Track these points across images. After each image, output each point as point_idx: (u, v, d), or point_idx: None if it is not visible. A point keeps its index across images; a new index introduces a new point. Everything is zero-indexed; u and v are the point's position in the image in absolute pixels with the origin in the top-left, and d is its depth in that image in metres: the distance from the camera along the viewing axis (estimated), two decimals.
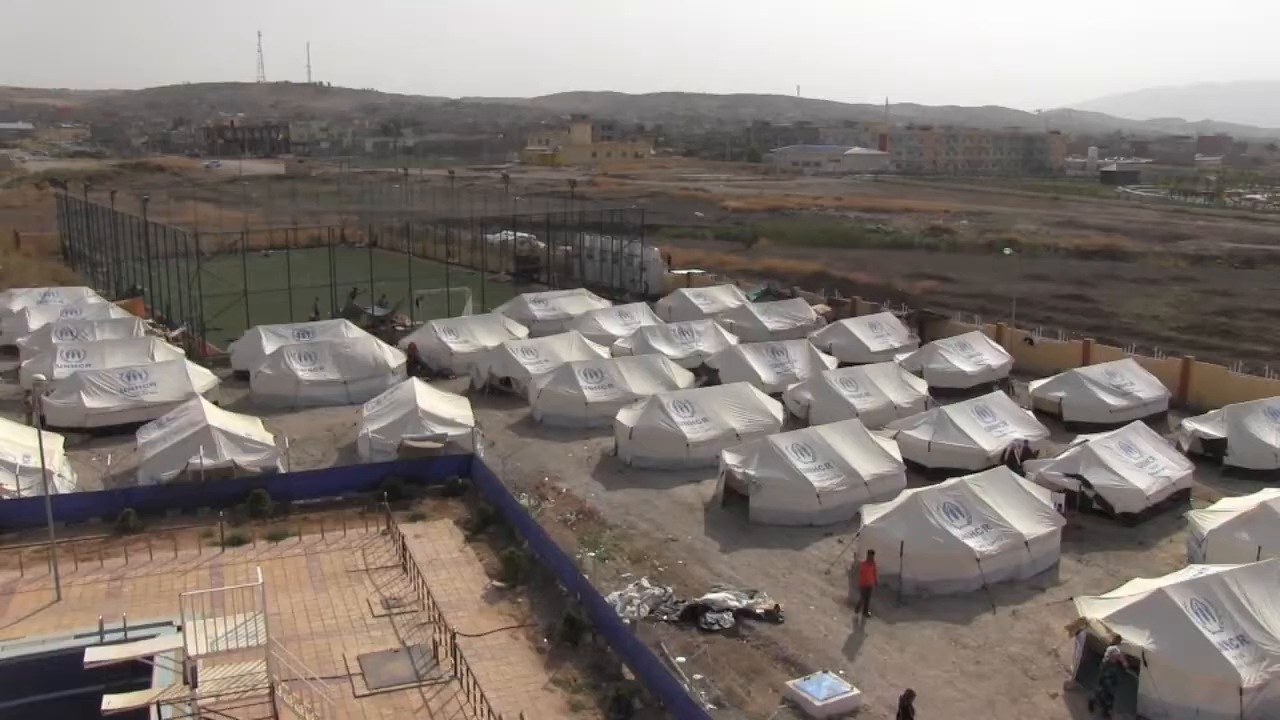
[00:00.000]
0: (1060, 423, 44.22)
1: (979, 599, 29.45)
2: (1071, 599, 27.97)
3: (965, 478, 33.15)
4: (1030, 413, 43.32)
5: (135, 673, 22.98)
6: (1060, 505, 33.00)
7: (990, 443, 38.99)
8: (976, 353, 52.36)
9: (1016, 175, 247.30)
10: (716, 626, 27.99)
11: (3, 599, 29.20)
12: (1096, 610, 25.45)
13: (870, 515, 31.49)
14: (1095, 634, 24.90)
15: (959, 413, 40.38)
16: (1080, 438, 37.90)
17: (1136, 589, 26.34)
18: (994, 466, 35.88)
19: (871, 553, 28.88)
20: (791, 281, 77.51)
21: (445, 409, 42.04)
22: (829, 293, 71.25)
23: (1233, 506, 32.25)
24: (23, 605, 28.82)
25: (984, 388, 48.38)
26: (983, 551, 30.07)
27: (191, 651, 21.85)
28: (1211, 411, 42.49)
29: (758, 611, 28.67)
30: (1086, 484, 34.95)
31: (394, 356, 52.04)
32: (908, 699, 23.08)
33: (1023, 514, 31.76)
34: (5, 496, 34.74)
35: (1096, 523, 34.72)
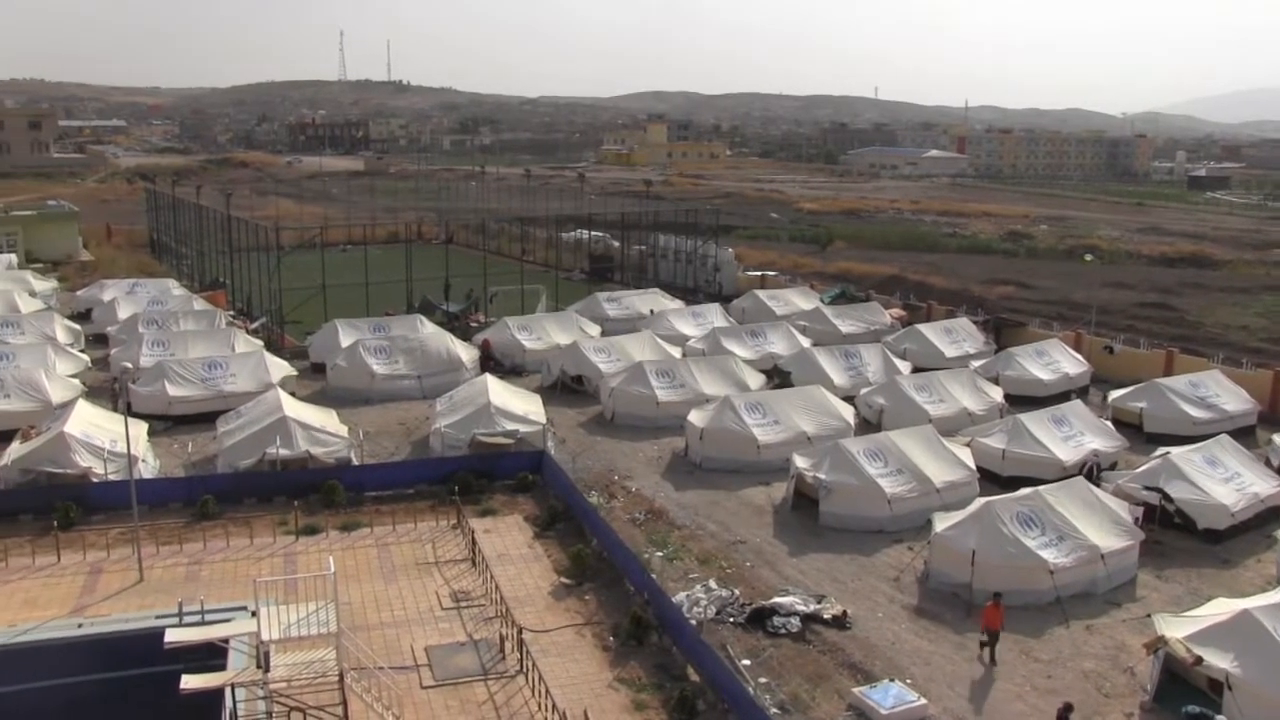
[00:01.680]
0: (1140, 434, 43.27)
1: (1052, 612, 28.90)
2: (1149, 616, 27.28)
3: (1040, 487, 32.56)
4: (1109, 423, 42.47)
5: (211, 654, 23.49)
6: (1139, 519, 32.24)
7: (1067, 453, 38.27)
8: (1054, 360, 51.46)
9: (1099, 180, 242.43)
10: (783, 630, 27.84)
11: (91, 577, 30.09)
12: (1176, 629, 24.75)
13: (942, 523, 31.10)
14: (1175, 654, 24.20)
15: (1035, 421, 39.69)
16: (1161, 450, 37.02)
17: (1220, 609, 25.56)
18: (1070, 477, 35.22)
19: (998, 595, 27.17)
20: (866, 285, 76.82)
21: (517, 405, 42.34)
22: (904, 297, 70.49)
23: None
24: (108, 584, 29.66)
25: (1061, 396, 47.52)
26: (1056, 563, 29.52)
27: (265, 636, 22.24)
28: None
29: (825, 617, 28.46)
30: (1167, 498, 34.13)
31: (467, 352, 52.52)
32: (1065, 712, 22.70)
33: (1099, 526, 31.12)
34: (94, 480, 35.82)
35: (1177, 538, 33.86)
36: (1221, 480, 35.14)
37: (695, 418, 41.63)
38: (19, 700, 24.92)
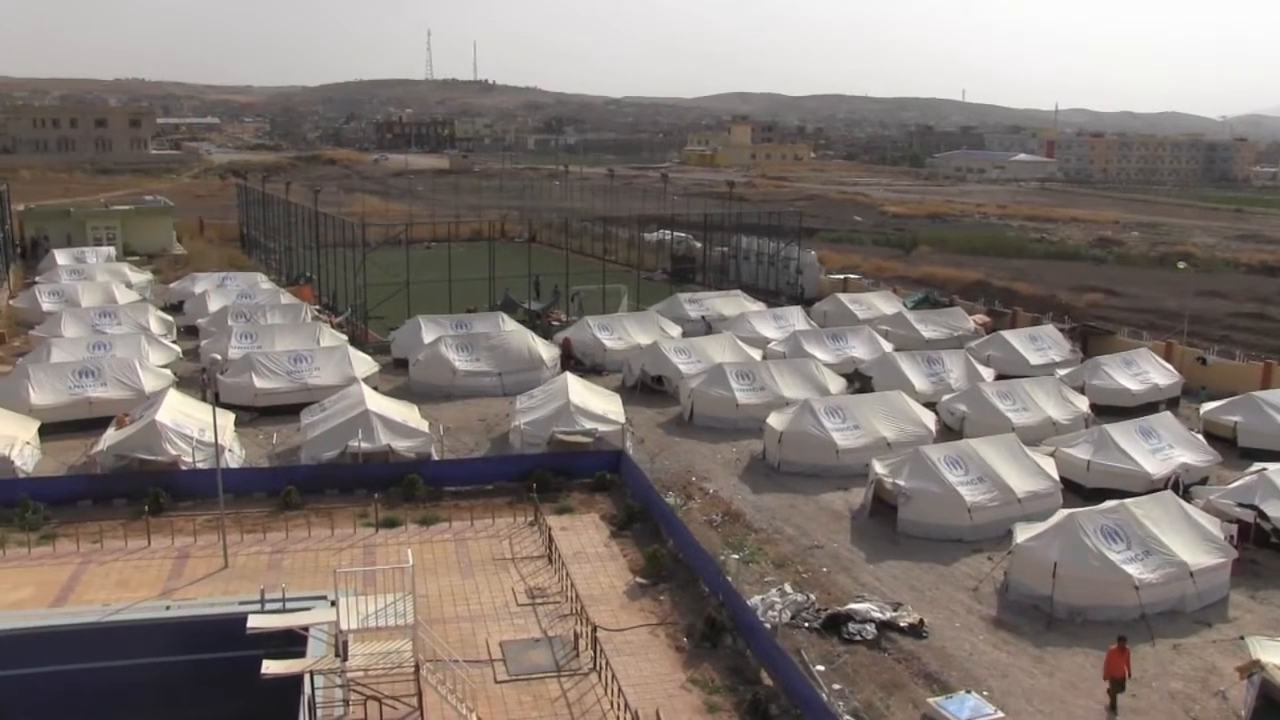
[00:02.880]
0: (1234, 449, 42.04)
1: (1137, 629, 28.07)
2: (1243, 638, 26.22)
3: (1126, 500, 31.79)
4: (1200, 436, 41.33)
5: (291, 641, 23.98)
6: (1232, 537, 31.30)
7: (1154, 465, 37.31)
8: (1143, 370, 50.24)
9: (1195, 185, 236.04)
10: (858, 637, 27.56)
11: (178, 562, 30.88)
12: (1273, 654, 23.65)
13: (1023, 534, 30.53)
14: (1273, 680, 23.11)
15: (1122, 432, 38.75)
16: (1257, 466, 35.93)
17: None
18: (1158, 491, 34.36)
19: (1123, 639, 25.36)
20: (950, 290, 75.83)
21: (597, 404, 42.49)
22: (988, 302, 69.41)
23: None
24: (195, 569, 30.41)
25: (1150, 407, 46.36)
26: (1142, 579, 28.79)
27: (343, 626, 22.58)
28: None
29: (901, 625, 28.12)
30: (1263, 515, 33.03)
31: (548, 350, 52.83)
32: None
33: (1189, 543, 30.25)
34: (183, 467, 36.75)
35: (1273, 558, 32.71)
36: None
37: (774, 421, 41.42)
38: (110, 676, 25.79)
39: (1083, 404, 45.89)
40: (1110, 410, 46.20)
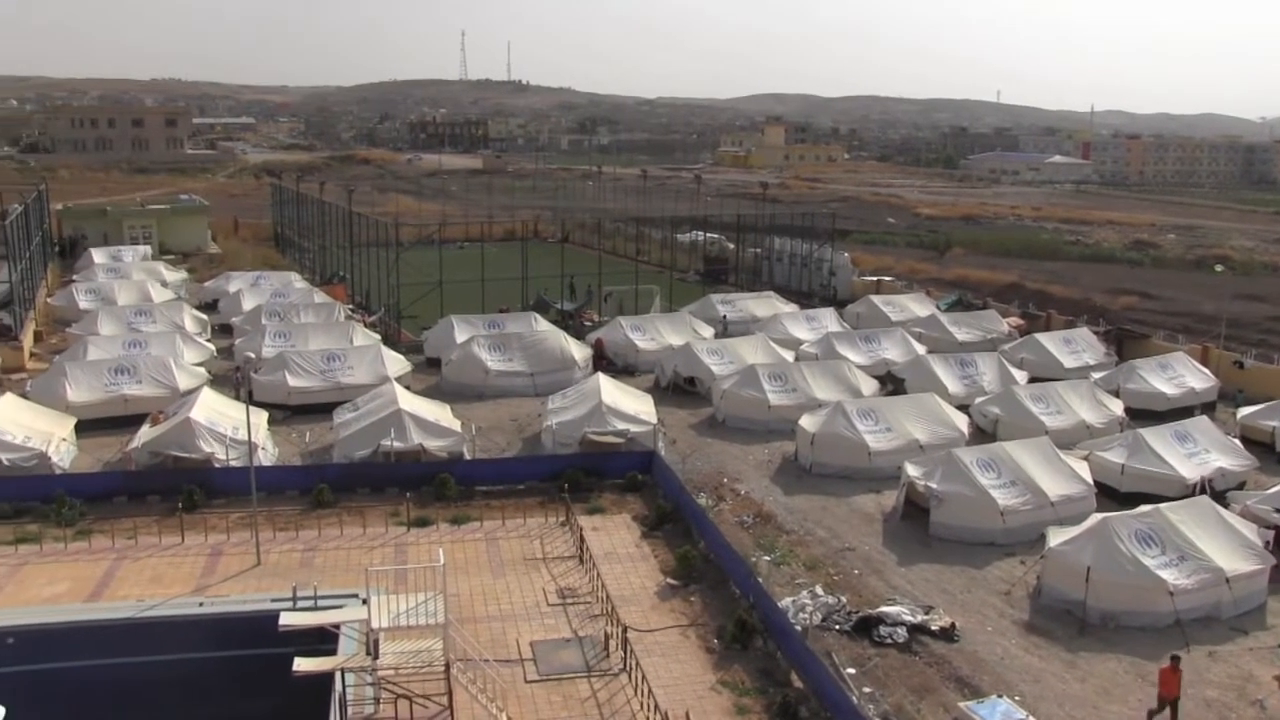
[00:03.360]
0: (1271, 454, 41.50)
1: (1171, 635, 27.83)
2: None
3: (1161, 505, 31.47)
4: (1237, 441, 40.87)
5: (322, 639, 24.10)
6: (1269, 543, 30.93)
7: (1190, 470, 36.93)
8: (1179, 374, 49.70)
9: (1233, 187, 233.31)
10: (889, 640, 27.44)
11: (211, 559, 31.14)
12: None
13: (1056, 538, 30.30)
14: None
15: (1157, 436, 38.38)
16: None
17: None
18: (1193, 496, 33.98)
19: (1176, 658, 24.63)
20: (984, 292, 75.32)
21: (629, 405, 42.50)
22: (1022, 305, 68.91)
23: None
24: (228, 566, 30.66)
25: (1186, 412, 45.91)
26: (1177, 584, 28.48)
27: (375, 624, 22.69)
28: None
29: (932, 628, 27.96)
30: None
31: (580, 351, 52.89)
32: None
33: (1225, 549, 29.91)
34: (216, 465, 37.06)
35: None
36: None
37: (807, 422, 41.29)
38: (143, 671, 25.99)
39: (1117, 408, 45.47)
40: (1145, 414, 45.78)
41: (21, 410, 40.20)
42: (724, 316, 62.78)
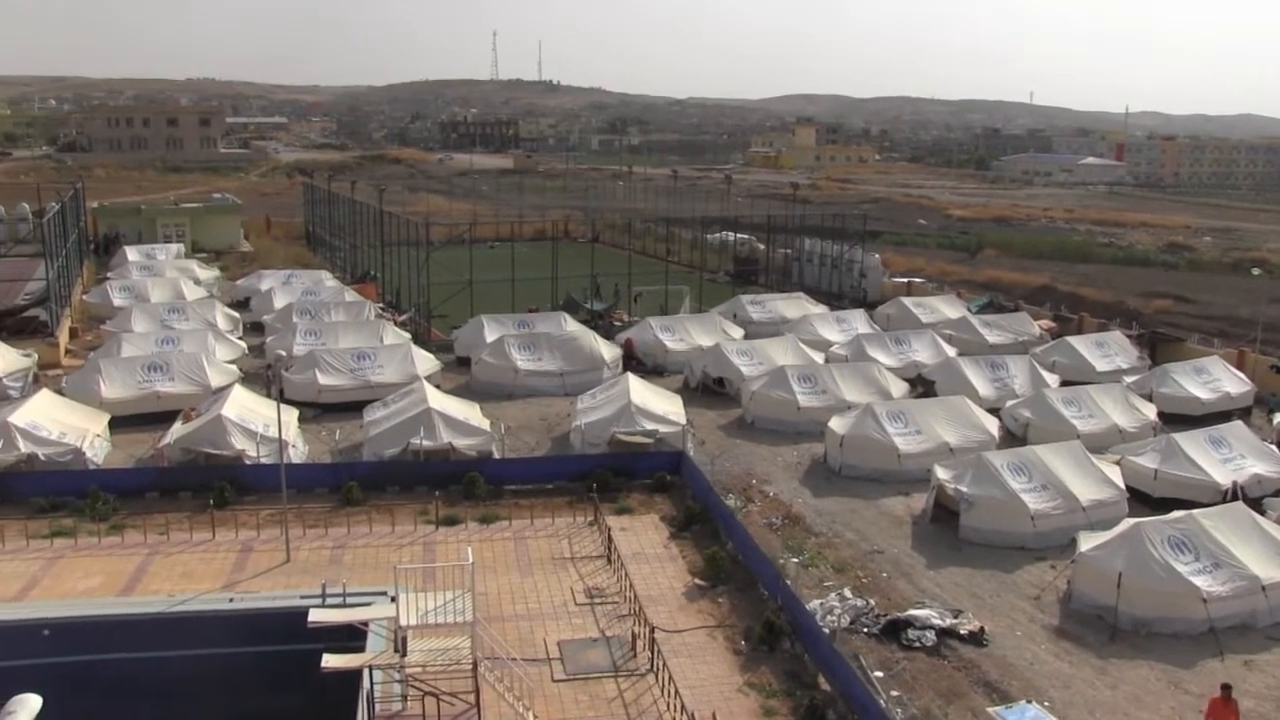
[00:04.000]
0: None
1: (1205, 643, 27.53)
2: None
3: (1195, 511, 31.15)
4: (1274, 447, 40.35)
5: (351, 636, 24.22)
6: None
7: (1224, 476, 36.49)
8: (1214, 378, 49.14)
9: (1272, 189, 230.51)
10: (918, 644, 27.28)
11: (242, 555, 31.33)
12: None
13: (1087, 543, 30.03)
14: None
15: (1190, 441, 37.96)
16: None
17: None
18: (1228, 502, 33.60)
19: (1228, 688, 23.10)
20: (1015, 294, 74.83)
21: (658, 405, 42.48)
22: (1054, 308, 68.38)
23: None
24: (258, 563, 30.83)
25: (1221, 416, 45.39)
26: (1211, 592, 28.15)
27: (403, 622, 22.77)
28: None
29: (961, 632, 27.78)
30: None
31: (610, 351, 52.92)
32: None
33: (1261, 556, 29.53)
34: (247, 462, 37.31)
35: None
36: None
37: (836, 424, 41.14)
38: (174, 665, 26.25)
39: (1150, 412, 45.03)
40: (1179, 419, 45.31)
41: (57, 406, 40.67)
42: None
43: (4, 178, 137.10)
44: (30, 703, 17.07)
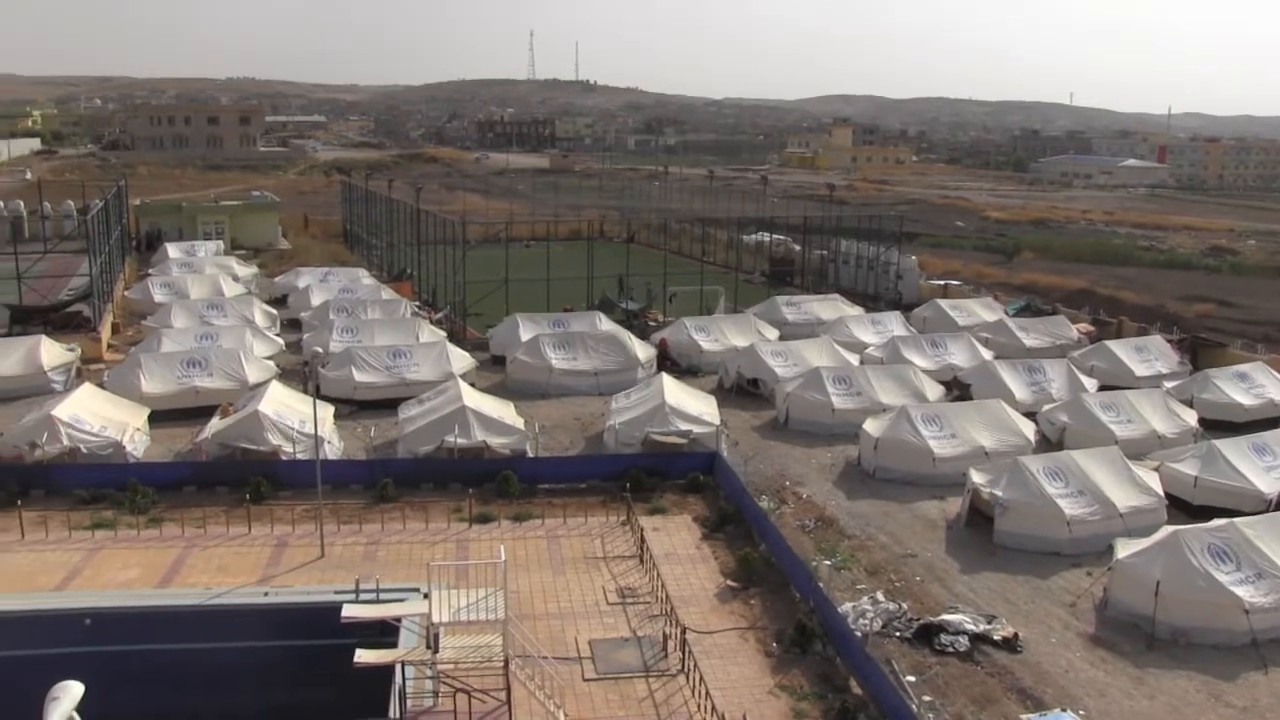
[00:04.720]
0: None
1: (1246, 654, 27.11)
2: None
3: (1236, 519, 30.71)
4: None
5: (384, 632, 24.41)
6: None
7: (1268, 484, 35.95)
8: (1258, 384, 48.45)
9: None
10: (950, 649, 27.09)
11: (277, 550, 31.61)
12: None
13: (1125, 550, 29.68)
14: None
15: (1232, 448, 37.44)
16: None
17: None
18: (1271, 511, 33.12)
19: None
20: (1053, 298, 74.18)
21: (692, 406, 42.44)
22: (1093, 311, 67.72)
23: None
24: (292, 558, 31.09)
25: (1265, 424, 44.69)
26: (1253, 602, 27.71)
27: (435, 618, 22.88)
28: None
29: (995, 638, 27.56)
30: None
31: (645, 351, 52.92)
32: None
33: None
34: (283, 458, 37.63)
35: None
36: None
37: (870, 427, 40.94)
38: (209, 657, 26.57)
39: (1191, 418, 44.47)
40: (1221, 425, 44.72)
41: (99, 400, 41.23)
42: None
43: (50, 175, 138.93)
44: (73, 689, 17.37)
